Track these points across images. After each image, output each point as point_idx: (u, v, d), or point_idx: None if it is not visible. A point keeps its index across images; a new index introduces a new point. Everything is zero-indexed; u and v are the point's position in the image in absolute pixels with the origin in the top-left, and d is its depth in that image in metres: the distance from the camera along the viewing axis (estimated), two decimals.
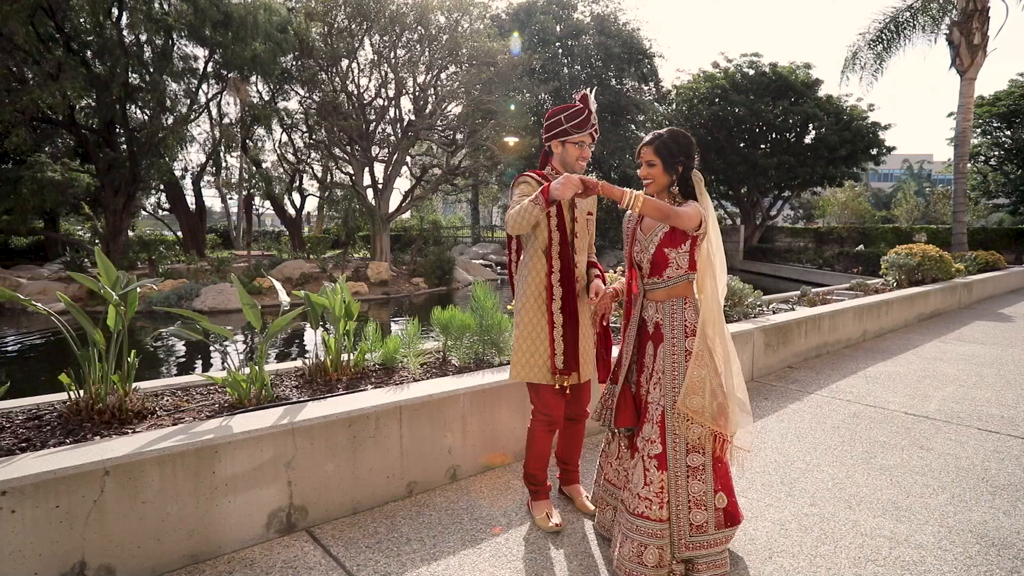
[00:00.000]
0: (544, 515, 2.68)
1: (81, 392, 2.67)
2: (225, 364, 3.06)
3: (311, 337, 10.16)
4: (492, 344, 3.88)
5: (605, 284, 2.62)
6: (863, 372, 5.54)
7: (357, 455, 2.75)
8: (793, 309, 6.68)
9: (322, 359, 3.46)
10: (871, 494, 3.01)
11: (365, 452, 2.78)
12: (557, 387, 2.59)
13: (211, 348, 10.01)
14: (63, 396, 2.77)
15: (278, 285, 3.21)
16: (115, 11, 15.81)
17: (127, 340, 2.75)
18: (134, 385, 2.95)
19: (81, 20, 15.75)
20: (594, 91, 2.66)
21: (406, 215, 27.56)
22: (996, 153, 28.64)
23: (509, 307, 4.53)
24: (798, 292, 7.79)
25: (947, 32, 15.49)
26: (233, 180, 24.69)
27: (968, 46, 14.87)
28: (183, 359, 9.66)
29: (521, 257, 2.67)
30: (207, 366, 9.47)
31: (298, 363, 3.61)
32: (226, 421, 2.56)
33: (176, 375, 8.20)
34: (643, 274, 2.40)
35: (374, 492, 2.82)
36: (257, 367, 2.97)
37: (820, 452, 3.57)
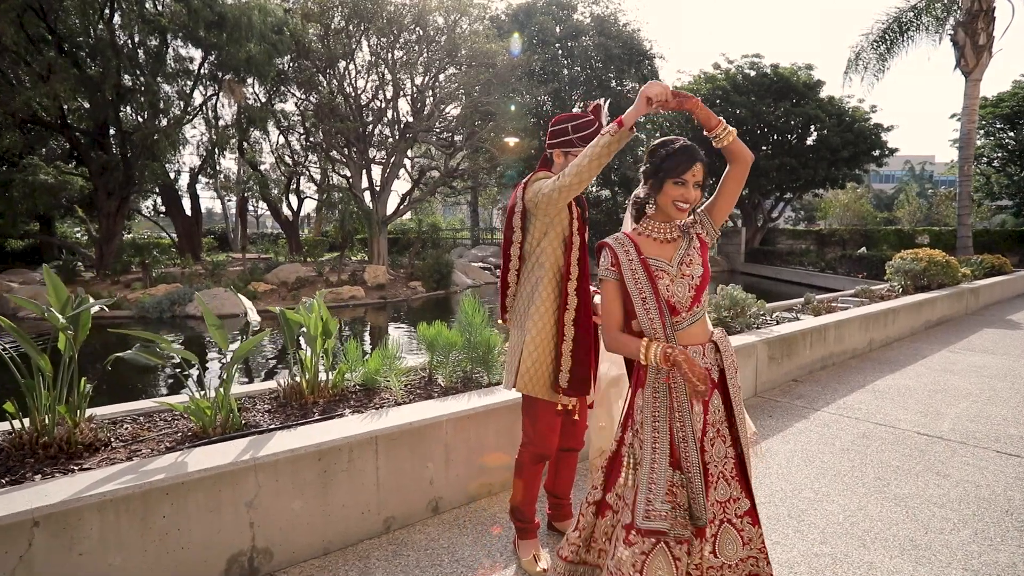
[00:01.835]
0: (531, 557, 2.46)
1: (26, 423, 2.45)
2: (182, 385, 2.84)
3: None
4: (480, 362, 3.66)
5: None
6: (871, 386, 5.31)
7: (328, 490, 2.53)
8: (797, 318, 6.46)
9: (298, 380, 3.25)
10: (886, 529, 2.78)
11: (337, 487, 2.55)
12: (559, 407, 2.36)
13: (206, 361, 9.80)
14: (8, 427, 2.55)
15: (247, 303, 2.99)
16: (107, 12, 15.62)
17: (78, 366, 2.53)
18: (90, 412, 2.74)
19: (74, 21, 15.55)
20: (607, 103, 2.40)
21: (406, 216, 27.31)
22: (999, 154, 28.40)
23: (501, 321, 4.31)
24: (802, 299, 7.56)
25: (951, 33, 15.27)
26: (232, 182, 24.49)
27: (973, 47, 14.64)
28: (177, 371, 9.44)
29: (528, 262, 2.40)
30: (200, 381, 9.24)
31: (272, 384, 3.40)
32: (183, 456, 2.34)
33: (165, 394, 7.95)
34: (679, 309, 1.87)
35: (347, 530, 2.60)
36: (223, 393, 2.75)
37: (829, 478, 3.35)
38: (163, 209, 23.84)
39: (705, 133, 1.89)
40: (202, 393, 2.80)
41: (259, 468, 2.34)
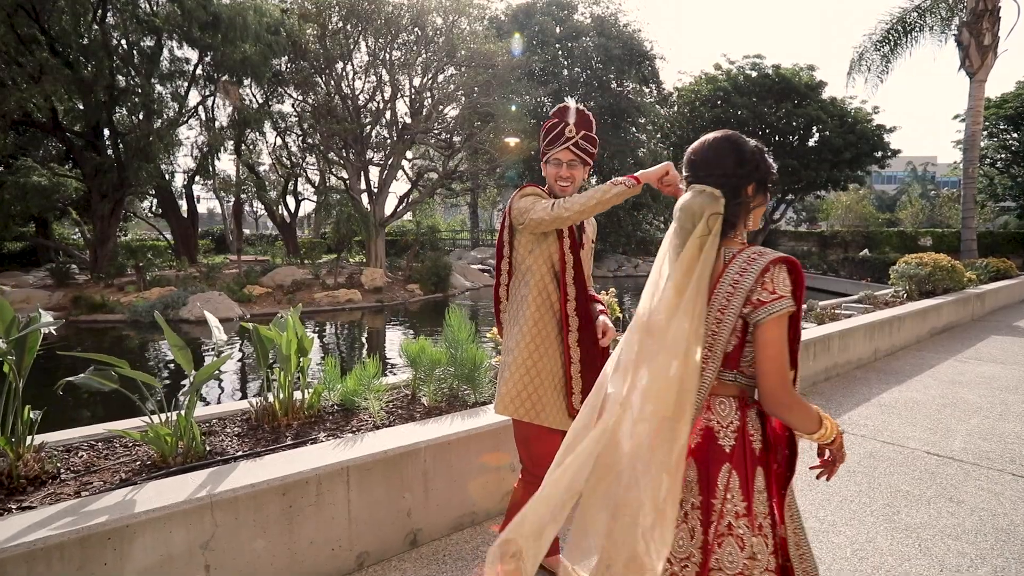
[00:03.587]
0: None
1: None
2: (168, 403, 2.65)
3: None
4: (466, 379, 3.47)
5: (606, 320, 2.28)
6: (877, 399, 5.11)
7: (294, 527, 2.33)
8: None
9: (271, 401, 3.06)
10: (898, 566, 2.58)
11: (304, 523, 2.36)
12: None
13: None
14: None
15: (213, 320, 2.80)
16: (100, 12, 15.44)
17: (22, 395, 2.33)
18: (42, 439, 2.55)
19: (67, 22, 15.36)
20: (576, 99, 2.24)
21: (405, 217, 27.11)
22: (1003, 156, 28.14)
23: (489, 335, 4.12)
24: (804, 306, 7.36)
25: (956, 33, 15.08)
26: (230, 184, 24.32)
27: (978, 47, 14.44)
28: (168, 382, 9.25)
29: (515, 278, 2.30)
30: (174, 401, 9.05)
31: (244, 404, 3.20)
32: (133, 492, 2.15)
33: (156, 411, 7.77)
34: None
35: (315, 568, 2.40)
36: (184, 418, 2.56)
37: (835, 505, 3.15)
38: (160, 211, 23.68)
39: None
40: (164, 418, 2.61)
41: (216, 506, 2.14)
